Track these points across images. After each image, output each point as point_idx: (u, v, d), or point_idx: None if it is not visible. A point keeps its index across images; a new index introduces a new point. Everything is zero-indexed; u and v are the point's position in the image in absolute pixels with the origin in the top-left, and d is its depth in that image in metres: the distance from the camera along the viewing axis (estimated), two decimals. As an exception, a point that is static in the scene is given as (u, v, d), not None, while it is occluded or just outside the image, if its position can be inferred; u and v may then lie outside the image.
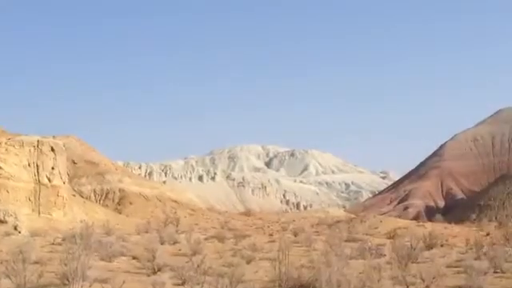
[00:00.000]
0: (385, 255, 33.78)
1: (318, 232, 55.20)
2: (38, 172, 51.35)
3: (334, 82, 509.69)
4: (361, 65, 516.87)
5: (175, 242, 40.29)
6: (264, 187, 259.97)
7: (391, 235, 49.16)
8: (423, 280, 23.73)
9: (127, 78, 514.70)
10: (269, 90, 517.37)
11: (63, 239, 37.61)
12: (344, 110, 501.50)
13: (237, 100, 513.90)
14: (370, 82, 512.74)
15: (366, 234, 49.70)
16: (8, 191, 49.03)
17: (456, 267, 29.95)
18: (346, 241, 42.72)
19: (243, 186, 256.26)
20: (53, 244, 37.15)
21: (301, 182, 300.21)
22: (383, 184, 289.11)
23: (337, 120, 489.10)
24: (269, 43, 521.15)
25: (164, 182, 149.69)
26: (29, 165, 50.90)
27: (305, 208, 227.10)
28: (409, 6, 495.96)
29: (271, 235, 52.00)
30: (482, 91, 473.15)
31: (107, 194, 79.62)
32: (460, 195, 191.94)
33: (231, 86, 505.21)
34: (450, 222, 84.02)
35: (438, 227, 59.57)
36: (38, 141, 52.92)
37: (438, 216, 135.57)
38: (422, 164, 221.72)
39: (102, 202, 77.91)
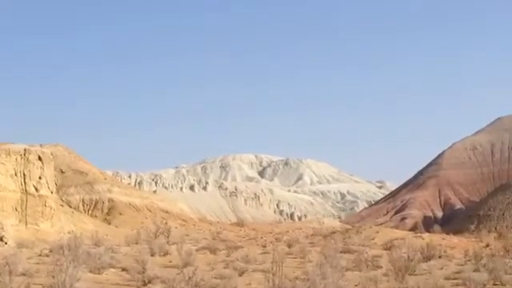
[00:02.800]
0: (381, 267, 33.52)
1: (312, 243, 54.82)
2: (24, 181, 50.96)
3: (329, 89, 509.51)
4: (357, 72, 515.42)
5: (166, 254, 40.13)
6: (257, 197, 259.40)
7: (388, 246, 48.70)
8: (422, 293, 23.21)
9: (117, 84, 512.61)
10: (262, 97, 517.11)
11: (51, 250, 37.32)
12: (339, 118, 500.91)
13: (229, 108, 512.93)
14: (366, 89, 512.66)
15: (362, 245, 49.21)
16: (-6, 201, 48.38)
17: (455, 279, 29.95)
18: (341, 252, 42.47)
19: (236, 195, 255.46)
20: (40, 255, 36.88)
21: (295, 191, 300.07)
22: (379, 194, 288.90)
23: (332, 128, 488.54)
24: (261, 49, 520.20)
25: (154, 192, 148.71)
26: (15, 174, 50.51)
27: (299, 218, 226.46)
28: (407, 7, 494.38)
29: (264, 246, 51.60)
30: (482, 98, 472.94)
31: (96, 204, 78.95)
32: (458, 205, 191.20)
33: (223, 94, 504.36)
34: (448, 233, 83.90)
35: (436, 238, 59.66)
36: (24, 149, 52.53)
37: (436, 227, 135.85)
38: (420, 173, 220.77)
39: (90, 212, 77.25)
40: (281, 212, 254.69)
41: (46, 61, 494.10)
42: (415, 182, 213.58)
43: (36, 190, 51.36)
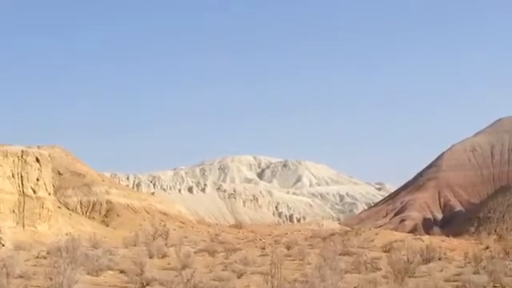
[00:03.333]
0: (381, 269, 33.32)
1: (311, 245, 54.58)
2: (22, 183, 50.80)
3: (329, 89, 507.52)
4: (357, 72, 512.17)
5: (164, 256, 39.93)
6: (256, 199, 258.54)
7: (387, 248, 48.49)
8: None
9: (116, 85, 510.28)
10: (262, 97, 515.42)
11: (48, 252, 37.22)
12: (339, 119, 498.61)
13: (228, 109, 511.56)
14: (366, 89, 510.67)
15: (362, 248, 48.95)
16: (-8, 203, 48.18)
17: (454, 281, 29.80)
18: (340, 254, 42.21)
19: (234, 197, 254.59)
20: (37, 257, 36.70)
21: (294, 193, 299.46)
22: (379, 196, 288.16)
23: (331, 130, 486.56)
24: (261, 49, 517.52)
25: (152, 194, 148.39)
26: (13, 176, 50.34)
27: (298, 220, 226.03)
28: (407, 7, 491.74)
29: (263, 248, 51.35)
30: (482, 99, 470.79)
31: (94, 205, 78.68)
32: (458, 207, 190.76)
33: (223, 94, 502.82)
34: (448, 235, 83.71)
35: (436, 240, 59.35)
36: (22, 151, 52.43)
37: (436, 229, 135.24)
38: (419, 175, 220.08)
39: (88, 214, 77.02)
40: (279, 214, 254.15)
41: (46, 61, 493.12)
42: (415, 184, 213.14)
43: (34, 191, 51.18)
